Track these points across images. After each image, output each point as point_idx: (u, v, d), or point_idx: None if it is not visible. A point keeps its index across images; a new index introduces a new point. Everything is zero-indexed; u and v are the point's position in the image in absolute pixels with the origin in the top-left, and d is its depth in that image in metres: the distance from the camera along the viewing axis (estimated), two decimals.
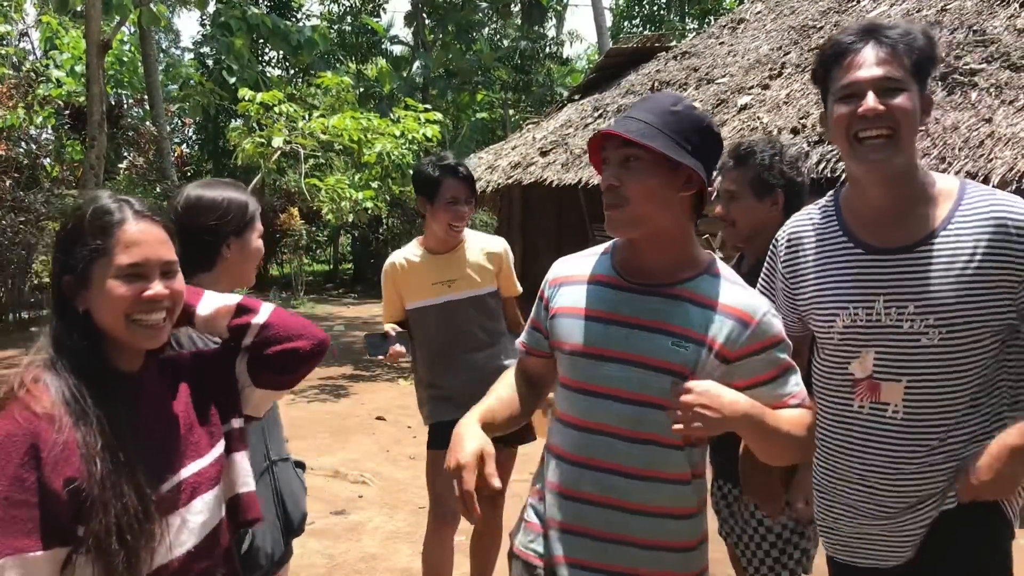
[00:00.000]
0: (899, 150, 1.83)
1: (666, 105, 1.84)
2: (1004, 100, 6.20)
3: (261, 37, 18.73)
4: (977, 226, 1.85)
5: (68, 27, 16.82)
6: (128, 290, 1.53)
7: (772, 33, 10.76)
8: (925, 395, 1.90)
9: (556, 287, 2.01)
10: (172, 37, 32.42)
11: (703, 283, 1.86)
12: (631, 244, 1.91)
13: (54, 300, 1.58)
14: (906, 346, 1.89)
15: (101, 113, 11.45)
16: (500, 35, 27.38)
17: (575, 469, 1.89)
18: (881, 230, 1.94)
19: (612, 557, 1.86)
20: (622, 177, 1.80)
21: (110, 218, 1.55)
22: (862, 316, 1.93)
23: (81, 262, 1.53)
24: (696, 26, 27.49)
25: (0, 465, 1.40)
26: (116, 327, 1.55)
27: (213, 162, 23.01)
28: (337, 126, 10.56)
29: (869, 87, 1.82)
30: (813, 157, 6.97)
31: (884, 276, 1.91)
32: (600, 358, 1.86)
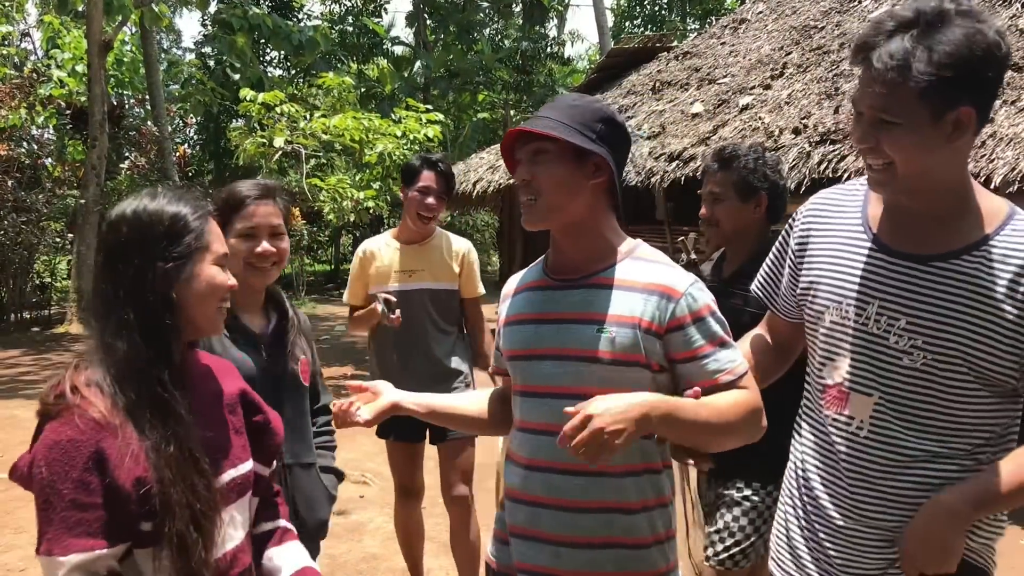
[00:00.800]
0: (892, 180, 1.64)
1: (567, 101, 1.96)
2: (1006, 100, 6.19)
3: (263, 37, 18.74)
4: (1009, 261, 1.63)
5: (70, 27, 16.84)
6: (227, 277, 1.70)
7: (774, 33, 10.75)
8: (894, 420, 1.72)
9: (503, 303, 2.08)
10: (173, 37, 32.46)
11: (623, 268, 1.89)
12: (554, 242, 1.96)
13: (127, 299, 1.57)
14: (885, 361, 1.72)
15: (103, 113, 11.47)
16: (501, 35, 27.37)
17: (525, 472, 1.90)
18: (904, 232, 1.74)
19: (566, 561, 1.84)
20: (533, 171, 1.86)
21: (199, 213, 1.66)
22: (851, 316, 1.77)
23: (182, 256, 1.60)
24: (698, 26, 27.48)
25: (65, 470, 1.45)
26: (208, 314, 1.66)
27: (215, 162, 23.04)
28: (338, 126, 10.58)
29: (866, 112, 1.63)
30: (815, 157, 6.97)
31: (885, 280, 1.73)
32: (535, 358, 1.90)
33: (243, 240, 2.34)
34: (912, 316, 1.68)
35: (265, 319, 2.47)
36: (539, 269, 2.03)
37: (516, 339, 1.96)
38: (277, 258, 2.39)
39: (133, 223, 1.61)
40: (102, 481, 1.47)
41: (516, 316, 1.99)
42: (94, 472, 1.46)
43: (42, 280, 16.35)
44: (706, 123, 8.95)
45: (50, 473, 1.45)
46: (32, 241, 14.20)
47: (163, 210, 1.62)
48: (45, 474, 1.45)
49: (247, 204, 2.35)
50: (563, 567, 1.84)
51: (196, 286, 1.62)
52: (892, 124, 1.57)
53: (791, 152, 7.23)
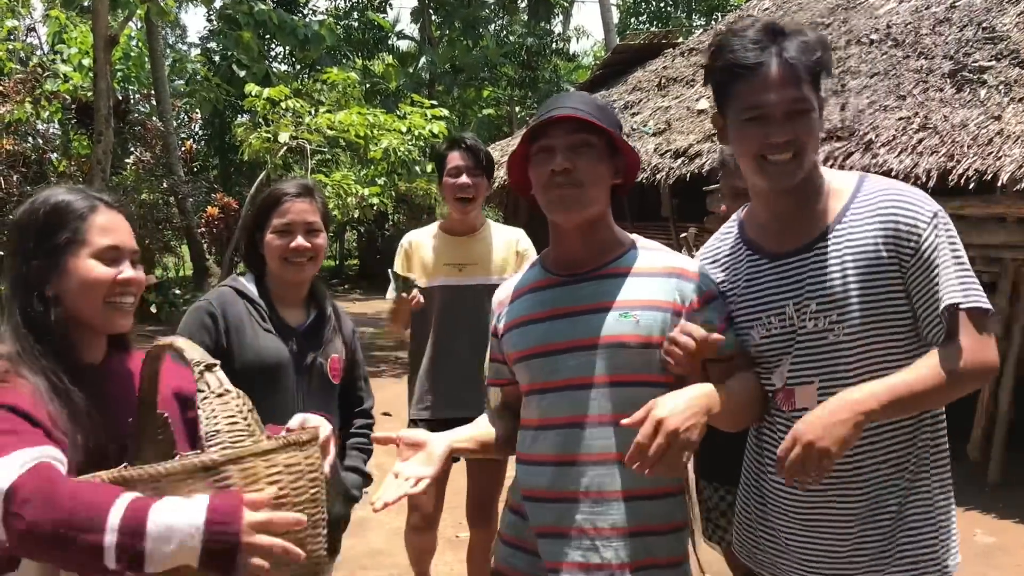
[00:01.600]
0: (802, 169, 1.80)
1: (589, 99, 1.94)
2: (1014, 98, 6.16)
3: (268, 32, 18.74)
4: (868, 221, 1.81)
5: (76, 22, 16.82)
6: (106, 272, 1.60)
7: None
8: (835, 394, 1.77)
9: (501, 311, 2.05)
10: (179, 32, 32.46)
11: (631, 257, 1.93)
12: (564, 237, 1.94)
13: (17, 292, 1.60)
14: (815, 346, 1.83)
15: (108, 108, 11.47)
16: (506, 31, 27.35)
17: (555, 469, 1.88)
18: (780, 236, 1.91)
19: (603, 554, 1.83)
20: (576, 161, 1.82)
21: (84, 205, 1.63)
22: (775, 324, 1.88)
23: (56, 248, 1.58)
24: (703, 23, 27.44)
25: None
26: (92, 309, 1.61)
27: (219, 157, 23.07)
28: (343, 122, 10.59)
29: (778, 111, 1.75)
30: (820, 155, 6.94)
31: (788, 280, 1.87)
32: (552, 353, 1.89)
33: (279, 236, 2.42)
34: (818, 298, 1.81)
35: (305, 314, 2.53)
36: (538, 270, 2.02)
37: (528, 338, 1.93)
38: (313, 253, 2.46)
39: (16, 220, 1.64)
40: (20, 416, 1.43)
41: (524, 317, 1.96)
42: (12, 412, 1.42)
43: None
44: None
45: None
46: None
47: (39, 207, 1.62)
48: None
49: (283, 201, 2.44)
50: (599, 560, 1.83)
51: (70, 281, 1.60)
52: (804, 112, 1.76)
53: None
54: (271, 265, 2.47)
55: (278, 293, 2.50)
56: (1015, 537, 5.00)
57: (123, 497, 1.29)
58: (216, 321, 2.37)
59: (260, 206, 2.51)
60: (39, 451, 1.38)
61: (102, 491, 1.32)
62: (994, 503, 5.48)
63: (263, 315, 2.43)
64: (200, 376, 1.44)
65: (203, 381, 1.43)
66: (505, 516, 2.06)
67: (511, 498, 2.04)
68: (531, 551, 1.92)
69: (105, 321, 1.64)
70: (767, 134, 1.77)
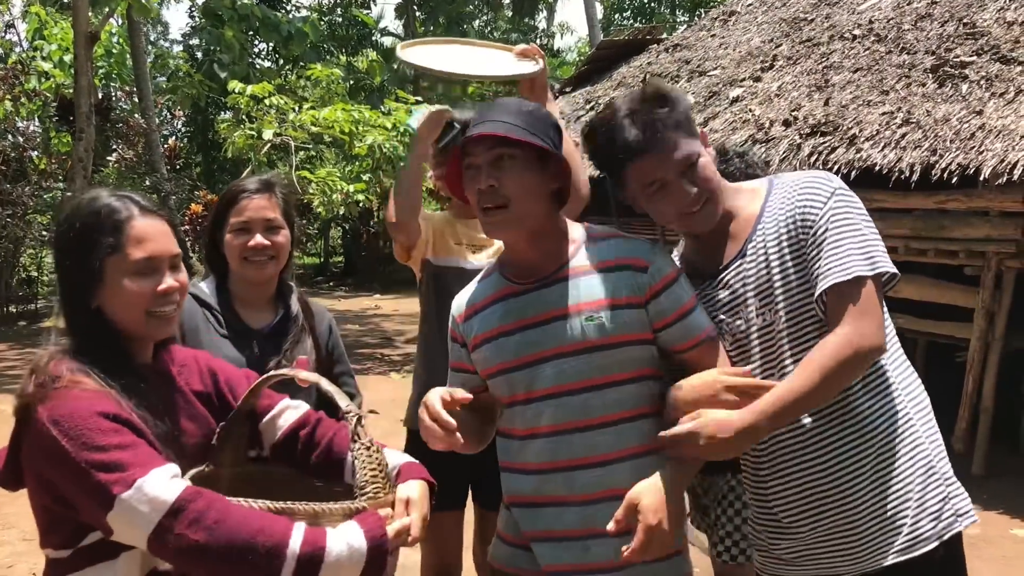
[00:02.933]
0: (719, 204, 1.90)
1: (518, 106, 1.91)
2: (994, 92, 6.20)
3: (251, 28, 18.63)
4: (779, 215, 1.87)
5: (56, 18, 16.68)
6: (145, 286, 1.59)
7: (763, 25, 10.75)
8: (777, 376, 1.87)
9: (466, 321, 2.01)
10: (161, 29, 32.26)
11: (586, 253, 1.93)
12: (513, 249, 1.95)
13: (66, 301, 1.62)
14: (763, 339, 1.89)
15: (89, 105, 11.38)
16: (491, 27, 27.31)
17: (540, 476, 1.89)
18: (708, 255, 1.98)
19: (596, 554, 1.84)
20: (499, 177, 1.81)
21: (119, 215, 1.59)
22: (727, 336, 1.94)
23: (94, 261, 1.56)
24: (687, 18, 27.47)
25: (89, 428, 1.43)
26: (135, 323, 1.61)
27: (203, 155, 22.94)
28: (328, 118, 10.52)
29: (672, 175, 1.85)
30: (805, 149, 6.97)
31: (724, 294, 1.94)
32: (527, 365, 1.88)
33: (237, 235, 2.34)
34: (751, 297, 1.88)
35: (271, 313, 2.45)
36: (497, 279, 2.00)
37: (502, 353, 1.91)
38: (273, 251, 2.37)
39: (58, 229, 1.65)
40: (126, 426, 1.47)
41: (493, 331, 1.93)
42: (114, 421, 1.46)
43: (28, 274, 16.26)
44: (697, 115, 8.94)
45: (74, 439, 1.41)
46: (18, 235, 14.12)
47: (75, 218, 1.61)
48: (68, 445, 1.41)
49: (240, 199, 2.35)
50: (594, 559, 1.84)
51: (111, 295, 1.59)
52: (694, 164, 1.85)
53: (781, 144, 7.23)
54: (232, 265, 2.40)
55: (241, 295, 2.42)
56: (1000, 528, 5.04)
57: (298, 526, 1.43)
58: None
59: (218, 204, 2.43)
60: (170, 468, 1.45)
61: (272, 519, 1.44)
62: (978, 494, 5.50)
63: (219, 320, 2.36)
64: (354, 427, 1.59)
65: (356, 433, 1.59)
66: (503, 515, 2.05)
67: (505, 494, 2.03)
68: (521, 547, 1.95)
69: (149, 331, 1.64)
70: (678, 200, 1.86)
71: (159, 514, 1.38)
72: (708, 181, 1.87)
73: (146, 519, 1.39)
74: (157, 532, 1.39)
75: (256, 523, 1.41)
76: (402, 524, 1.54)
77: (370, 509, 1.51)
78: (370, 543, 1.45)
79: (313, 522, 1.47)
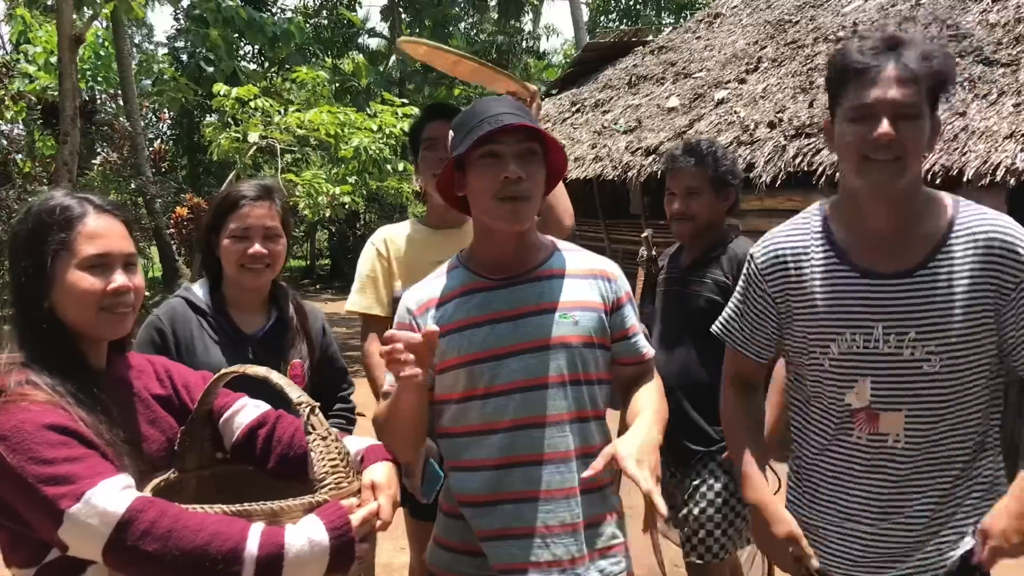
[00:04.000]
0: (903, 172, 1.77)
1: (516, 105, 1.93)
2: (977, 94, 6.25)
3: (236, 30, 18.58)
4: (971, 247, 1.80)
5: (41, 21, 16.58)
6: (95, 283, 1.56)
7: (748, 27, 10.80)
8: (927, 424, 1.84)
9: (424, 314, 1.95)
10: (145, 31, 32.09)
11: (560, 258, 1.97)
12: (496, 242, 1.94)
13: (17, 302, 1.59)
14: (906, 374, 1.82)
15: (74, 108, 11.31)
16: (477, 29, 27.31)
17: (497, 473, 1.87)
18: (878, 253, 1.86)
19: (555, 550, 1.84)
20: (527, 170, 1.83)
21: (71, 212, 1.58)
22: (859, 343, 1.85)
23: (45, 258, 1.54)
24: (672, 20, 27.56)
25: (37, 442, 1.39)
26: (84, 319, 1.58)
27: (188, 157, 22.84)
28: (313, 120, 10.50)
29: (884, 111, 1.73)
30: (790, 151, 7.01)
31: (883, 302, 1.83)
32: (495, 358, 1.87)
33: (236, 241, 2.32)
34: (919, 326, 1.80)
35: (264, 318, 2.43)
36: (462, 273, 1.98)
37: (471, 343, 1.88)
38: (270, 260, 2.35)
39: (13, 229, 1.63)
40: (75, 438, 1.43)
41: (461, 322, 1.90)
42: (62, 433, 1.42)
43: None
44: (682, 117, 8.99)
45: (21, 454, 1.38)
46: (2, 238, 14.02)
47: (29, 216, 1.60)
48: (14, 460, 1.38)
49: (242, 205, 2.32)
50: (550, 557, 1.83)
51: (62, 293, 1.57)
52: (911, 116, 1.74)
53: (766, 146, 7.27)
54: (228, 270, 2.38)
55: (235, 299, 2.41)
56: None
57: (255, 527, 1.39)
58: (165, 337, 2.28)
59: (217, 208, 2.38)
60: (121, 479, 1.42)
61: (228, 522, 1.40)
62: None
63: (214, 326, 2.34)
64: (307, 418, 1.55)
65: (310, 423, 1.54)
66: (441, 521, 2.02)
67: (446, 503, 2.00)
68: (476, 553, 1.91)
69: (101, 329, 1.61)
70: (870, 131, 1.75)
71: (109, 527, 1.35)
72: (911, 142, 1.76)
73: (97, 533, 1.35)
74: (110, 546, 1.35)
75: (211, 529, 1.37)
76: (369, 510, 1.51)
77: (332, 501, 1.48)
78: (332, 535, 1.42)
79: (272, 521, 1.44)
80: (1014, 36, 6.72)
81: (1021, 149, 5.47)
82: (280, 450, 1.74)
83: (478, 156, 1.84)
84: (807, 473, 2.04)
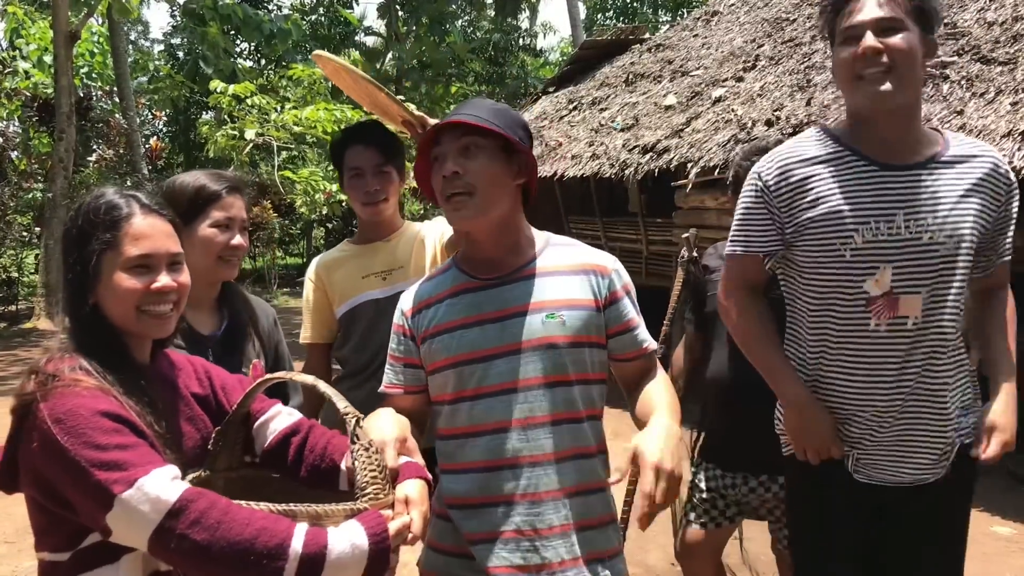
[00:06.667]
0: (898, 83, 1.93)
1: (489, 104, 1.94)
2: (975, 93, 6.25)
3: (233, 27, 18.54)
4: (971, 156, 2.04)
5: (34, 17, 16.54)
6: (137, 282, 1.60)
7: (746, 26, 10.80)
8: (939, 304, 2.01)
9: (416, 315, 1.98)
10: (141, 28, 32.02)
11: (550, 255, 1.96)
12: (474, 243, 1.95)
13: (67, 298, 1.63)
14: (925, 258, 1.99)
15: (70, 105, 11.29)
16: (474, 27, 27.30)
17: (486, 475, 1.86)
18: (890, 151, 2.04)
19: (546, 552, 1.83)
20: (465, 165, 1.83)
21: (118, 212, 1.61)
22: (883, 230, 1.99)
23: (91, 257, 1.58)
24: (669, 18, 27.56)
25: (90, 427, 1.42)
26: (126, 318, 1.61)
27: (184, 155, 22.81)
28: (310, 118, 10.49)
29: (868, 28, 1.93)
30: None
31: (903, 190, 2.00)
32: (484, 359, 1.87)
33: (221, 231, 2.25)
34: (934, 212, 1.98)
35: (217, 319, 2.34)
36: (455, 273, 1.99)
37: (460, 344, 1.88)
38: (244, 252, 2.34)
39: (65, 225, 1.66)
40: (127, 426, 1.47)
41: (452, 323, 1.91)
42: (115, 421, 1.46)
43: (9, 275, 16.11)
44: (679, 115, 8.97)
45: (76, 437, 1.41)
46: None
47: (79, 213, 1.63)
48: (68, 443, 1.40)
49: (224, 196, 2.27)
50: (539, 560, 1.82)
51: (106, 290, 1.60)
52: (896, 29, 1.94)
53: None
54: (199, 262, 2.17)
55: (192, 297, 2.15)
56: (980, 526, 5.09)
57: (300, 527, 1.43)
58: None
59: (195, 198, 2.25)
60: (171, 470, 1.45)
61: (274, 519, 1.43)
62: None
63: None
64: (354, 429, 1.57)
65: (355, 434, 1.57)
66: (434, 524, 1.99)
67: (437, 505, 1.99)
68: (461, 555, 1.90)
69: (142, 329, 1.64)
70: (858, 46, 1.95)
71: (160, 514, 1.38)
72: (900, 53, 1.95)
73: (147, 519, 1.38)
74: (158, 533, 1.38)
75: (258, 524, 1.41)
76: (402, 523, 1.53)
77: (371, 509, 1.51)
78: (372, 541, 1.45)
79: (315, 523, 1.47)
80: (1011, 34, 6.72)
81: (1019, 148, 5.48)
82: (312, 459, 1.75)
83: (432, 162, 1.89)
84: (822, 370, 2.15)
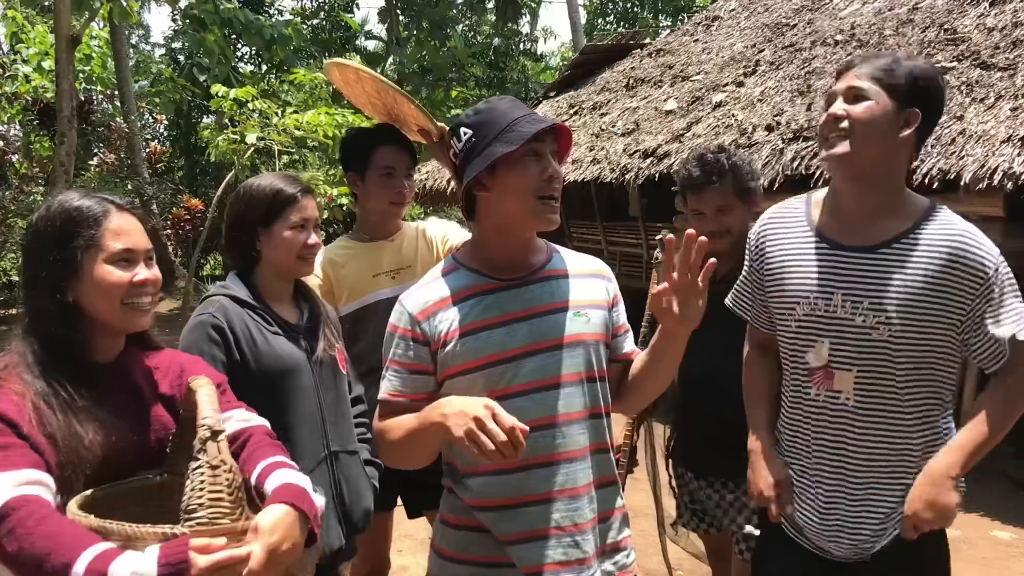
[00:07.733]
0: (856, 148, 1.99)
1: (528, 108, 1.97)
2: (975, 98, 6.26)
3: (234, 32, 18.56)
4: (933, 245, 2.00)
5: (35, 21, 16.54)
6: (122, 276, 1.67)
7: (746, 31, 10.82)
8: (874, 385, 2.05)
9: (429, 319, 1.90)
10: (142, 32, 32.08)
11: (560, 259, 2.02)
12: (509, 242, 1.94)
13: (33, 293, 1.67)
14: (858, 338, 2.04)
15: (71, 109, 11.29)
16: (474, 31, 27.33)
17: (525, 473, 1.85)
18: (847, 230, 2.09)
19: (584, 547, 1.86)
20: (559, 172, 1.91)
21: (97, 211, 1.68)
22: (820, 307, 2.08)
23: (74, 254, 1.64)
24: (670, 23, 27.59)
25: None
26: (110, 312, 1.67)
27: (185, 158, 22.79)
28: (311, 122, 10.49)
29: (839, 95, 2.05)
30: (788, 154, 7.01)
31: (844, 271, 2.06)
32: (513, 359, 1.86)
33: (299, 231, 2.41)
34: (871, 297, 2.02)
35: (297, 310, 2.50)
36: (466, 275, 1.94)
37: (489, 345, 1.86)
38: (318, 250, 2.51)
39: (33, 226, 1.71)
40: (10, 428, 1.50)
41: (473, 325, 1.87)
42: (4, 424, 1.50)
43: (9, 278, 16.12)
44: (680, 120, 8.99)
45: None
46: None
47: (55, 213, 1.68)
48: None
49: (299, 198, 2.42)
50: (580, 555, 1.86)
51: (88, 285, 1.66)
52: (860, 99, 2.00)
53: (764, 149, 7.27)
54: (281, 261, 2.40)
55: (271, 292, 2.45)
56: (980, 530, 5.08)
57: (92, 548, 1.37)
58: (224, 334, 2.26)
59: (272, 202, 2.38)
60: (24, 475, 1.46)
61: (73, 537, 1.40)
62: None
63: (267, 319, 2.37)
64: (202, 443, 1.47)
65: (202, 449, 1.46)
66: (449, 536, 1.97)
67: (452, 516, 1.97)
68: (489, 564, 1.89)
69: (123, 322, 1.70)
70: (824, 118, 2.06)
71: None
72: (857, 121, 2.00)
73: None
74: None
75: (62, 539, 1.38)
76: (230, 555, 1.40)
77: (186, 536, 1.39)
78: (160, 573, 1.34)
79: (126, 544, 1.40)
80: (1011, 40, 6.74)
81: (1018, 153, 5.49)
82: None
83: (521, 154, 1.83)
84: (781, 428, 2.29)
